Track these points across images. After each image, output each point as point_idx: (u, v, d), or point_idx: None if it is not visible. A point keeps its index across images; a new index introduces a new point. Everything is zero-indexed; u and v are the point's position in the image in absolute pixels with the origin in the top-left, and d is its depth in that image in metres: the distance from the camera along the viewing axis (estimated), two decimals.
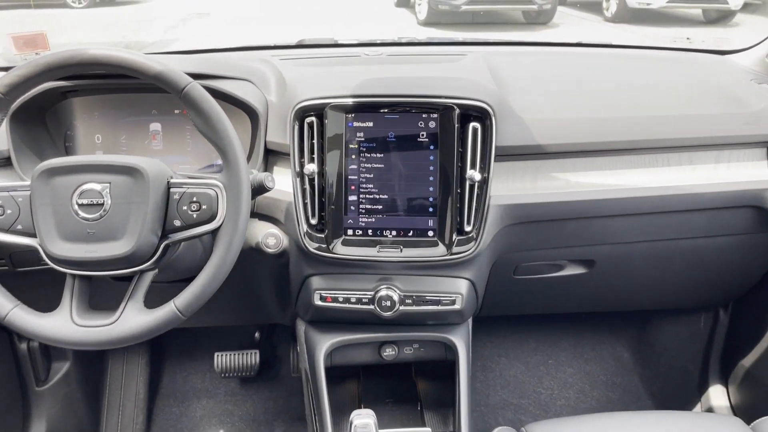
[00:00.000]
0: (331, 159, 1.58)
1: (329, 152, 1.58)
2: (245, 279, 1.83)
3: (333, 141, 1.58)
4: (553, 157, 1.69)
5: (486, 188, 1.59)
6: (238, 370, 2.55)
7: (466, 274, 1.71)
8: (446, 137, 1.57)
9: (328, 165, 1.58)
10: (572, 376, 2.70)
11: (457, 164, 1.56)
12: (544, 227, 1.72)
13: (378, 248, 1.62)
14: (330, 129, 1.57)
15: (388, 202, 1.62)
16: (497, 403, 2.46)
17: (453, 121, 1.56)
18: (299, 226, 1.61)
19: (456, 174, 1.57)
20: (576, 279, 1.90)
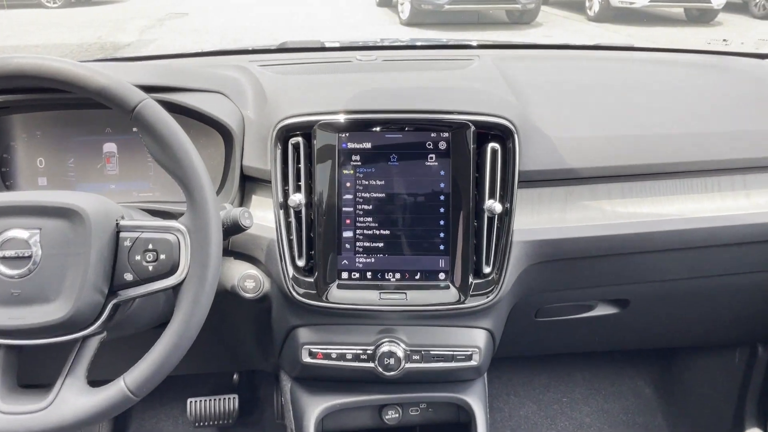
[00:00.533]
0: (321, 187, 1.38)
1: (319, 179, 1.37)
2: (219, 325, 1.63)
3: (323, 166, 1.38)
4: (586, 183, 1.49)
5: (508, 221, 1.39)
6: (214, 418, 2.37)
7: (484, 323, 1.49)
8: (460, 160, 1.37)
9: (317, 195, 1.38)
10: (589, 416, 2.52)
11: (473, 193, 1.37)
12: (575, 265, 1.52)
13: (379, 294, 1.41)
14: (319, 151, 1.37)
15: (390, 238, 1.41)
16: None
17: (468, 141, 1.36)
18: (283, 268, 1.40)
19: (472, 205, 1.37)
20: (605, 319, 1.71)
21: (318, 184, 1.37)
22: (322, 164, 1.37)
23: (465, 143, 1.36)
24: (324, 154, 1.37)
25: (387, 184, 1.40)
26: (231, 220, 1.29)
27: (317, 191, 1.37)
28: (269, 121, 1.40)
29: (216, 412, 2.35)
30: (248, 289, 1.50)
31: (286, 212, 1.39)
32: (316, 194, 1.37)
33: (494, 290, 1.39)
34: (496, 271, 1.39)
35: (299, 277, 1.40)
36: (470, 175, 1.36)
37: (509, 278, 1.41)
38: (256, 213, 1.42)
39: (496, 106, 1.40)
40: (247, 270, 1.46)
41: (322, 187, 1.37)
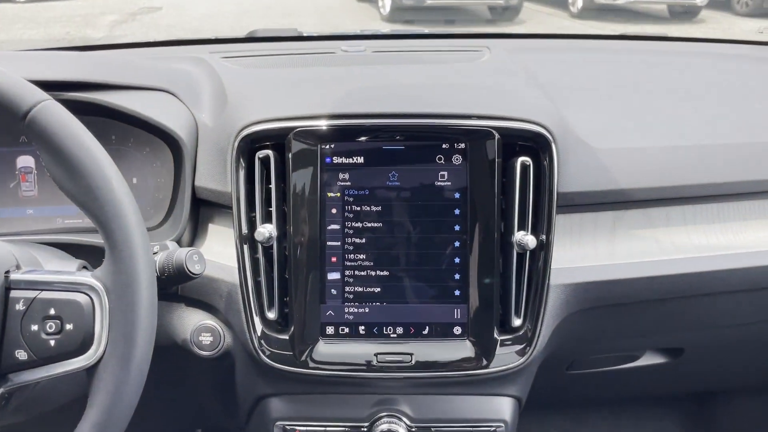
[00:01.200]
0: (299, 215, 1.12)
1: (295, 205, 1.12)
2: (172, 384, 1.46)
3: (301, 187, 1.12)
4: (639, 206, 1.23)
5: (545, 259, 1.14)
6: None
7: (511, 389, 1.23)
8: (480, 179, 1.12)
9: (293, 225, 1.12)
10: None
11: (499, 222, 1.13)
12: (625, 311, 1.27)
13: (376, 356, 1.14)
14: (296, 168, 1.12)
15: (390, 281, 1.15)
16: None
17: (491, 154, 1.11)
18: (249, 322, 1.14)
19: (497, 237, 1.12)
20: (651, 370, 1.48)
21: (294, 212, 1.11)
22: (299, 185, 1.11)
23: (487, 157, 1.11)
24: (302, 172, 1.11)
25: (385, 211, 1.14)
26: (174, 265, 0.98)
27: (293, 220, 1.12)
28: (230, 128, 1.15)
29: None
30: (204, 346, 1.21)
31: (253, 248, 1.13)
32: (291, 224, 1.12)
33: (527, 349, 1.15)
34: (529, 324, 1.15)
35: (270, 333, 1.15)
36: (494, 198, 1.11)
37: (545, 332, 1.16)
38: (213, 248, 1.20)
39: (527, 109, 1.14)
40: (203, 321, 1.20)
41: (299, 214, 1.12)
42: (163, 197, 1.26)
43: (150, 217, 1.25)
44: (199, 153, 1.19)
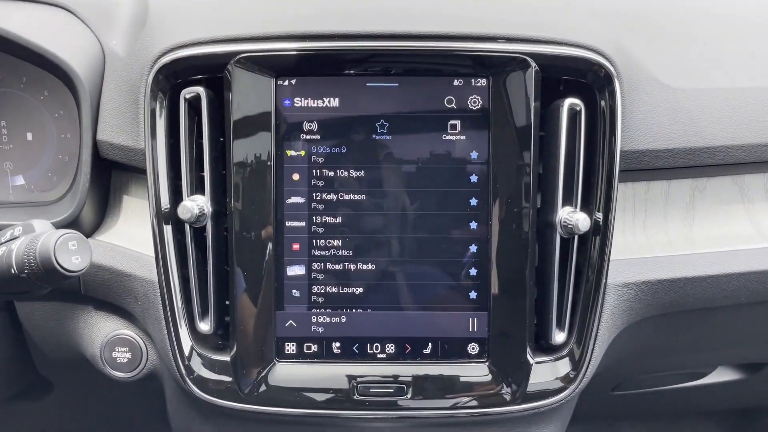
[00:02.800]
0: (244, 183, 0.82)
1: (239, 168, 0.82)
2: (94, 404, 1.18)
3: (247, 143, 0.82)
4: (729, 172, 0.93)
5: (602, 247, 0.83)
6: None
7: (547, 429, 0.91)
8: (508, 133, 0.82)
9: (236, 197, 0.83)
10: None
11: (535, 195, 0.84)
12: (706, 318, 0.95)
13: (356, 385, 0.82)
14: (240, 114, 0.82)
15: (376, 279, 0.85)
16: None
17: (525, 95, 0.81)
18: (171, 336, 0.83)
19: (531, 217, 0.83)
20: (720, 388, 1.20)
21: (237, 178, 0.82)
22: (244, 139, 0.81)
23: (519, 100, 0.81)
24: (249, 120, 0.82)
25: (369, 178, 0.84)
26: (39, 257, 0.67)
27: (236, 191, 0.83)
28: (144, 56, 0.84)
29: None
30: (119, 365, 0.91)
31: (178, 230, 0.84)
32: (233, 196, 0.83)
33: (572, 375, 0.84)
34: (577, 340, 0.84)
35: (203, 352, 0.84)
36: (529, 160, 0.82)
37: (599, 350, 0.85)
38: (127, 231, 0.91)
39: (579, 30, 0.83)
40: (118, 331, 0.91)
41: (244, 182, 0.82)
42: (69, 160, 0.95)
43: (52, 187, 0.96)
44: (104, 95, 0.89)
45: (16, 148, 0.95)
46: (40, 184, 0.95)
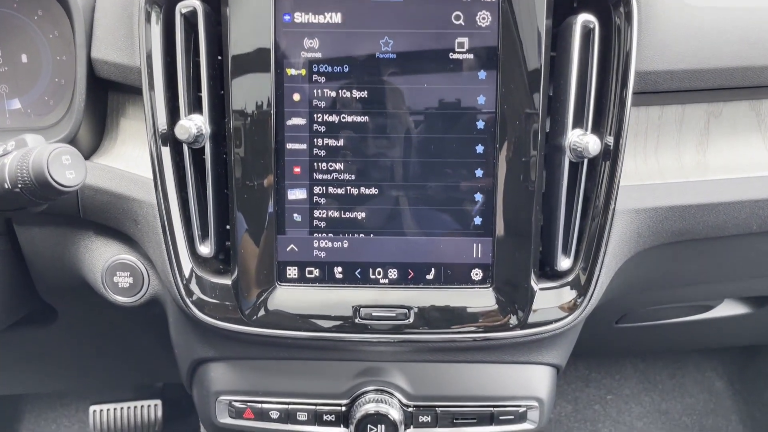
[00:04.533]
0: (243, 103, 0.79)
1: (237, 87, 0.79)
2: (98, 331, 1.18)
3: (246, 60, 0.79)
4: (747, 96, 0.89)
5: (612, 172, 0.81)
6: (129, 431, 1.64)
7: (550, 356, 0.90)
8: (517, 51, 0.79)
9: (234, 117, 0.80)
10: (642, 419, 1.99)
11: (544, 117, 0.81)
12: (716, 248, 0.93)
13: (358, 309, 0.81)
14: (239, 29, 0.79)
15: (379, 203, 0.83)
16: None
17: (536, 11, 0.78)
18: (172, 259, 0.82)
19: (540, 139, 0.80)
20: (725, 322, 1.20)
21: (236, 97, 0.80)
22: (242, 56, 0.79)
23: (529, 15, 0.78)
24: (247, 36, 0.79)
25: (373, 97, 0.80)
26: (32, 171, 0.66)
27: (234, 110, 0.80)
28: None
29: (131, 425, 1.72)
30: (121, 290, 0.91)
31: (176, 151, 0.82)
32: (232, 116, 0.80)
33: (578, 302, 0.82)
34: (583, 267, 0.83)
35: (203, 275, 0.83)
36: (539, 80, 0.79)
37: (604, 278, 0.83)
38: (125, 153, 0.89)
39: None
40: (118, 255, 0.90)
41: (243, 101, 0.79)
42: (65, 83, 0.92)
43: (49, 111, 0.94)
44: (98, 10, 0.86)
45: (11, 70, 0.92)
46: (37, 108, 0.93)
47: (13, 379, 1.32)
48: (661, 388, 2.06)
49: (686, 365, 2.09)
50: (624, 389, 2.06)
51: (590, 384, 2.06)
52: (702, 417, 2.01)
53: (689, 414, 2.02)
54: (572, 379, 2.06)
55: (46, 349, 1.20)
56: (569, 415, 2.01)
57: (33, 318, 1.14)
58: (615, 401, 2.03)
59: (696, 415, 2.01)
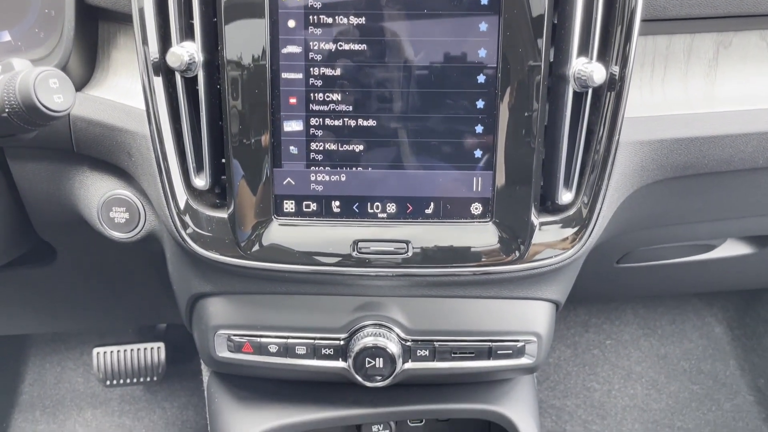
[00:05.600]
0: (235, 29, 0.76)
1: (229, 12, 0.76)
2: (97, 270, 1.17)
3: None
4: (758, 25, 0.85)
5: (617, 103, 0.77)
6: (132, 375, 1.82)
7: (549, 291, 0.90)
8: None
9: (228, 44, 0.77)
10: (640, 363, 2.00)
11: (548, 45, 0.77)
12: (721, 183, 0.91)
13: (356, 243, 0.80)
14: None
15: (378, 135, 0.80)
16: None
17: None
18: (167, 191, 0.80)
19: (543, 68, 0.77)
20: (726, 263, 1.19)
21: (228, 23, 0.76)
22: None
23: None
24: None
25: (372, 26, 0.76)
26: (19, 94, 0.64)
27: (228, 37, 0.77)
28: None
29: (135, 367, 1.75)
30: (117, 225, 0.90)
31: (168, 80, 0.79)
32: (225, 43, 0.77)
33: (578, 236, 0.81)
34: (585, 201, 0.81)
35: (199, 208, 0.81)
36: (543, 7, 0.75)
37: (606, 212, 0.82)
38: (117, 84, 0.87)
39: None
40: (114, 191, 0.88)
41: (236, 28, 0.76)
42: (56, 14, 0.89)
43: (39, 44, 0.91)
44: None
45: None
46: (27, 40, 0.90)
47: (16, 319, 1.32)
48: (661, 333, 2.07)
49: (686, 311, 2.09)
50: (623, 334, 2.07)
51: (590, 329, 2.06)
52: (700, 361, 2.02)
53: (687, 359, 2.02)
54: (572, 324, 2.07)
55: (47, 289, 1.20)
56: (568, 359, 2.02)
57: (32, 257, 1.13)
58: (614, 346, 2.04)
59: (694, 360, 2.02)
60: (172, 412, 1.90)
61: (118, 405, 1.91)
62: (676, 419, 1.90)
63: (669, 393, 1.99)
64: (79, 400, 1.92)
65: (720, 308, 2.05)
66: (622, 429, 1.89)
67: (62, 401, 1.92)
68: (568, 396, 1.97)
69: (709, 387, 2.00)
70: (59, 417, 1.90)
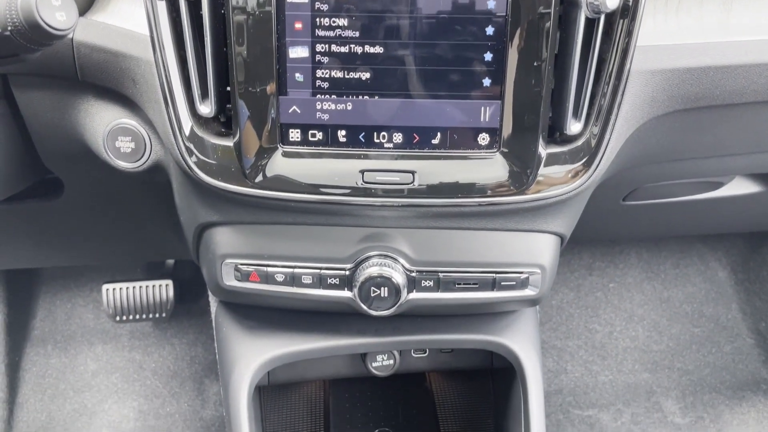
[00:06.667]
0: None
1: None
2: (104, 203, 1.17)
3: None
4: None
5: (629, 30, 0.75)
6: (141, 311, 1.85)
7: (555, 223, 0.89)
8: None
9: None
10: (642, 306, 2.00)
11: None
12: (733, 116, 0.89)
13: (362, 173, 0.80)
14: None
15: (385, 63, 0.78)
16: None
17: None
18: (172, 118, 0.79)
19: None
20: (734, 201, 1.18)
21: None
22: None
23: None
24: None
25: None
26: (21, 12, 0.63)
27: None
28: None
29: (144, 303, 1.79)
30: (123, 155, 0.89)
31: (172, 5, 0.77)
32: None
33: (586, 167, 0.80)
34: (594, 131, 0.79)
35: (204, 136, 0.80)
36: None
37: (614, 143, 0.80)
38: (121, 9, 0.84)
39: None
40: (119, 120, 0.87)
41: None
42: None
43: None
44: None
45: None
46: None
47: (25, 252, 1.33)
48: (664, 277, 2.06)
49: (690, 255, 2.08)
50: (627, 278, 2.06)
51: (593, 272, 2.06)
52: (702, 305, 2.02)
53: (690, 302, 2.03)
54: (576, 267, 2.07)
55: (55, 223, 1.21)
56: (571, 301, 2.03)
57: (40, 190, 1.13)
58: (617, 289, 2.04)
59: (696, 303, 2.02)
60: (181, 348, 1.94)
61: (128, 340, 1.94)
62: (675, 360, 1.92)
63: (670, 335, 2.00)
64: (89, 336, 1.95)
65: (724, 252, 2.04)
66: (622, 369, 1.91)
67: (73, 336, 1.95)
68: (570, 337, 1.99)
69: (710, 330, 2.01)
70: (70, 351, 1.93)
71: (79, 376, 1.90)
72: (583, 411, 1.83)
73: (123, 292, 1.78)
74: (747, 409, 1.84)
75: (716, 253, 2.04)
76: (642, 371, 1.90)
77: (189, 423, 1.81)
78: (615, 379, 1.89)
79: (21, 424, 1.80)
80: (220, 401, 1.87)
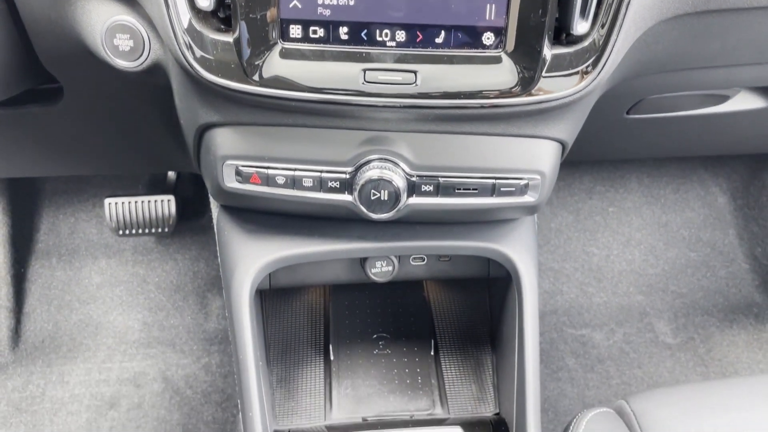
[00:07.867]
0: None
1: None
2: (104, 109, 1.14)
3: None
4: None
5: None
6: (144, 225, 1.88)
7: (556, 129, 0.87)
8: None
9: None
10: (641, 230, 2.03)
11: None
12: (736, 24, 0.87)
13: (363, 73, 0.78)
14: None
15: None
16: None
17: None
18: (171, 11, 0.77)
19: None
20: (739, 117, 1.15)
21: None
22: None
23: None
24: None
25: None
26: None
27: None
28: None
29: (146, 218, 1.80)
30: (122, 53, 0.87)
31: None
32: None
33: (591, 68, 0.78)
34: (600, 31, 0.77)
35: (203, 30, 0.78)
36: None
37: (621, 45, 0.78)
38: None
39: None
40: (117, 16, 0.85)
41: None
42: None
43: None
44: None
45: None
46: None
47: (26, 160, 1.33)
48: (663, 201, 2.07)
49: (691, 180, 2.08)
50: (626, 202, 2.06)
51: (593, 196, 2.07)
52: (700, 230, 2.04)
53: (688, 227, 2.05)
54: (576, 191, 2.07)
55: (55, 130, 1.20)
56: (570, 224, 2.04)
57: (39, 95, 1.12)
58: (616, 213, 2.05)
59: (694, 228, 2.04)
60: (184, 263, 1.97)
61: (131, 255, 1.97)
62: (670, 284, 1.95)
63: (666, 259, 2.02)
64: (93, 249, 1.98)
65: (725, 178, 2.04)
66: (616, 291, 1.94)
67: (77, 250, 1.97)
68: (567, 260, 2.01)
69: (706, 254, 2.02)
70: (75, 264, 1.96)
71: (84, 288, 1.94)
72: (576, 330, 1.87)
73: (125, 206, 1.79)
74: (737, 332, 1.88)
75: (717, 179, 2.04)
76: (636, 293, 1.94)
77: (192, 335, 1.86)
78: (609, 301, 1.93)
79: (29, 333, 1.85)
80: (223, 315, 1.92)
